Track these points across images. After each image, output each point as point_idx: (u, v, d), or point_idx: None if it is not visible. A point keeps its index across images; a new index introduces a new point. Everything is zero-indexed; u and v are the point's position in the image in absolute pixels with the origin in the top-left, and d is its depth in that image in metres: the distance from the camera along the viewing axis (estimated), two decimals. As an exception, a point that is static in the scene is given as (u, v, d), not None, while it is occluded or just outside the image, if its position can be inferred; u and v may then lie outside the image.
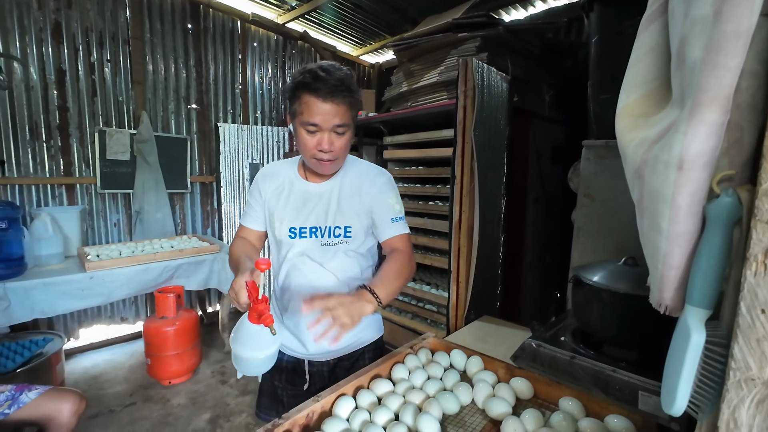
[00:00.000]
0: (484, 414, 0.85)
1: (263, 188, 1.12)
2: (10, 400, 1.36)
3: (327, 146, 0.95)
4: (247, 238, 1.14)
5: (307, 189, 1.09)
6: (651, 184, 0.41)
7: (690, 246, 0.40)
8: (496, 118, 1.55)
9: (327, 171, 1.04)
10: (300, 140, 0.98)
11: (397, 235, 1.09)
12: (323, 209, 1.08)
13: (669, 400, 0.41)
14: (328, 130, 0.95)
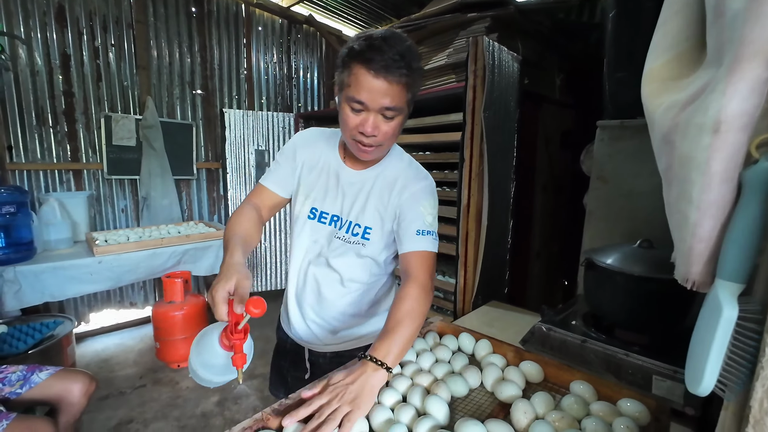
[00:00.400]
0: (493, 397, 0.84)
1: (301, 153, 1.00)
2: (22, 380, 1.38)
3: (370, 129, 0.82)
4: (261, 203, 1.00)
5: (341, 173, 0.98)
6: (682, 150, 0.38)
7: (723, 216, 0.37)
8: (507, 100, 1.51)
9: (366, 157, 0.89)
10: (342, 116, 0.85)
11: (418, 252, 0.90)
12: (350, 200, 0.97)
13: (695, 380, 0.39)
14: (374, 111, 0.81)
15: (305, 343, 1.08)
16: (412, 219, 0.92)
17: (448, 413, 0.74)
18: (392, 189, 0.96)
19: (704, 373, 0.37)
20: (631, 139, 1.15)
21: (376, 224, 0.96)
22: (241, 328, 0.66)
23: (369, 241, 0.97)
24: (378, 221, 0.96)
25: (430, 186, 0.98)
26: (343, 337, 1.05)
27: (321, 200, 0.99)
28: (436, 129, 2.37)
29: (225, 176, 3.59)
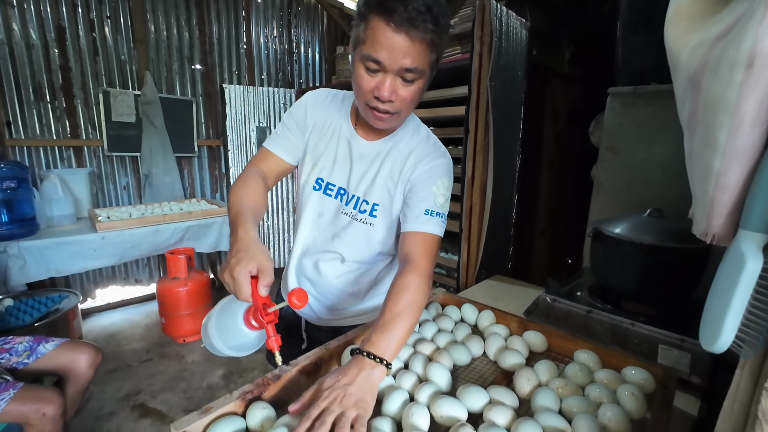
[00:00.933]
0: (496, 366, 0.83)
1: (311, 115, 0.91)
2: (29, 351, 1.40)
3: (387, 93, 0.72)
4: (267, 170, 0.91)
5: (352, 142, 0.89)
6: (710, 91, 0.35)
7: (751, 162, 0.34)
8: (514, 69, 1.46)
9: (380, 125, 0.80)
10: (355, 78, 0.75)
11: (423, 234, 0.82)
12: (360, 173, 0.89)
13: (711, 336, 0.37)
14: (393, 73, 0.71)
15: (303, 315, 1.05)
16: (423, 197, 0.84)
17: (450, 380, 0.74)
18: (404, 163, 0.87)
19: (722, 329, 0.35)
20: (644, 106, 1.11)
21: (385, 202, 0.89)
22: (272, 311, 0.64)
23: (376, 219, 0.90)
24: (387, 198, 0.89)
25: (447, 164, 0.89)
26: (341, 314, 1.02)
27: (328, 171, 0.91)
28: (440, 103, 2.31)
29: (226, 154, 3.55)
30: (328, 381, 0.63)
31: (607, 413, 0.61)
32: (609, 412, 0.61)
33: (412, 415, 0.61)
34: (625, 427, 0.60)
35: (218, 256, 3.70)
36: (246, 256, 0.64)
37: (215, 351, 0.70)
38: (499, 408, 0.64)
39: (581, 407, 0.65)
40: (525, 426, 0.59)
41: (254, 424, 0.61)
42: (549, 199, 2.53)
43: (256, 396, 0.67)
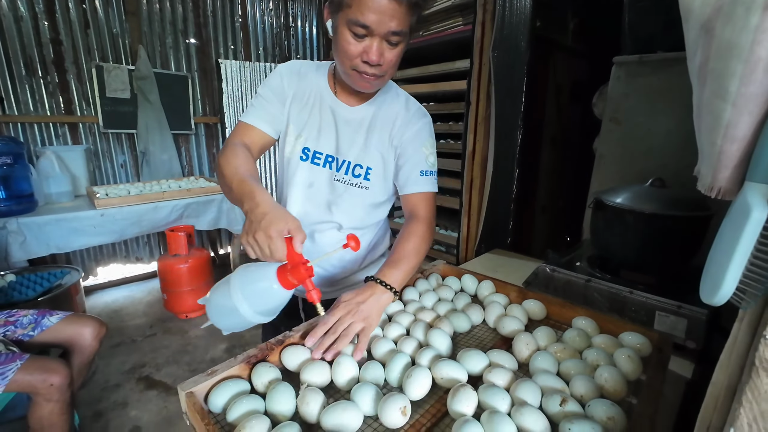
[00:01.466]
0: (495, 332, 0.85)
1: (289, 85, 0.89)
2: (33, 324, 1.42)
3: (376, 57, 0.74)
4: (251, 144, 0.87)
5: (335, 109, 0.90)
6: (723, 37, 0.34)
7: (761, 113, 0.34)
8: (517, 39, 1.42)
9: (367, 88, 0.83)
10: (340, 44, 0.76)
11: (423, 193, 0.91)
12: (348, 139, 0.90)
13: (712, 288, 0.37)
14: (380, 36, 0.73)
15: (300, 292, 1.04)
16: (417, 161, 0.91)
17: (450, 345, 0.75)
18: (393, 127, 0.91)
19: (724, 280, 0.35)
20: (650, 75, 1.09)
21: (378, 164, 0.91)
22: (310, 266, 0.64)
23: (370, 182, 0.92)
24: (380, 161, 0.92)
25: (429, 124, 0.95)
26: (340, 285, 1.03)
27: (315, 139, 0.90)
28: (441, 78, 2.27)
29: (224, 131, 3.51)
30: (345, 297, 0.73)
31: (603, 374, 0.62)
32: (605, 373, 0.63)
33: (413, 376, 0.62)
34: (621, 387, 0.61)
35: (218, 234, 3.71)
36: (276, 216, 0.63)
37: (232, 324, 0.67)
38: (499, 370, 0.65)
39: (578, 369, 0.66)
40: (524, 386, 0.60)
41: (259, 383, 0.63)
42: (550, 174, 2.51)
43: (260, 359, 0.68)
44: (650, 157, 1.11)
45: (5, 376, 1.17)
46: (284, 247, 0.62)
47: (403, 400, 0.56)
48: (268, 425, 0.54)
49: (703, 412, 0.41)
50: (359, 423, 0.56)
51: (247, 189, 0.71)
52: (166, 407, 1.85)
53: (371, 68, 0.76)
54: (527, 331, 0.79)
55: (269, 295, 0.64)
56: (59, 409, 1.32)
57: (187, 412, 0.59)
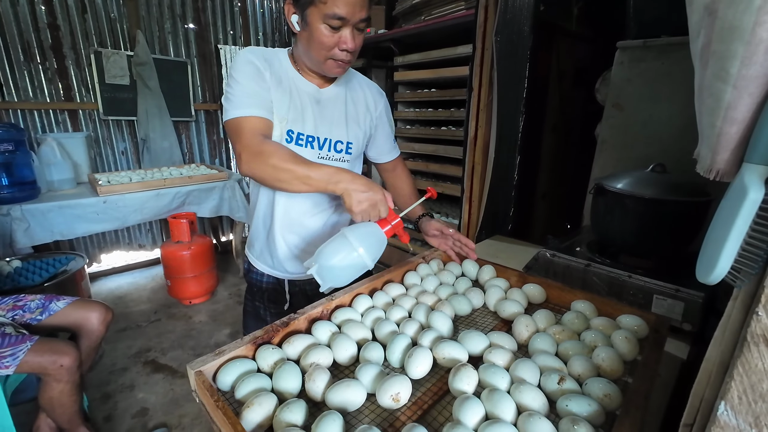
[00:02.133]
0: (495, 315, 0.86)
1: (265, 69, 0.88)
2: (41, 308, 1.44)
3: (352, 45, 0.82)
4: (268, 136, 0.87)
5: (309, 91, 0.94)
6: (726, 19, 0.34)
7: (761, 93, 0.34)
8: (520, 23, 1.40)
9: (340, 73, 0.91)
10: (316, 37, 0.81)
11: (399, 156, 1.15)
12: (327, 118, 0.96)
13: (708, 267, 0.38)
14: (351, 25, 0.80)
15: (288, 274, 1.08)
16: (388, 133, 1.10)
17: (451, 327, 0.77)
18: (366, 103, 1.03)
19: (720, 259, 0.36)
20: (653, 60, 1.08)
21: (358, 138, 1.01)
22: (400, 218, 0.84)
23: (351, 155, 1.01)
24: (359, 134, 1.01)
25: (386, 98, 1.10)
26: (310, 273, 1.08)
27: (299, 122, 0.93)
28: (443, 63, 2.24)
29: (224, 118, 3.48)
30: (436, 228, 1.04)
31: (601, 354, 0.64)
32: (603, 353, 0.64)
33: (414, 355, 0.64)
34: (618, 366, 0.63)
35: (219, 221, 3.73)
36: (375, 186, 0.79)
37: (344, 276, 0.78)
38: (499, 350, 0.67)
39: (576, 350, 0.68)
40: (523, 366, 0.62)
41: (264, 364, 0.64)
42: (551, 161, 2.51)
43: (265, 341, 0.70)
44: (652, 143, 1.11)
45: (16, 357, 1.20)
46: (386, 208, 0.79)
47: (397, 387, 0.57)
48: (276, 402, 0.56)
49: (696, 386, 0.43)
50: (362, 400, 0.58)
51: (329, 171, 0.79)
52: (172, 389, 1.89)
53: (347, 55, 0.84)
54: (527, 314, 0.81)
55: (380, 243, 0.80)
56: (69, 390, 1.35)
57: (196, 390, 0.61)
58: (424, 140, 2.44)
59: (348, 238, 0.75)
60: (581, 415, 0.52)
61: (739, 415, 0.36)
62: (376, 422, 0.56)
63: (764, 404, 0.35)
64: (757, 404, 0.35)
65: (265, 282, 1.11)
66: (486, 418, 0.53)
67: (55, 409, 1.37)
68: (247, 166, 0.81)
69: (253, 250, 1.12)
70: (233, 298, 2.84)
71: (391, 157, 1.13)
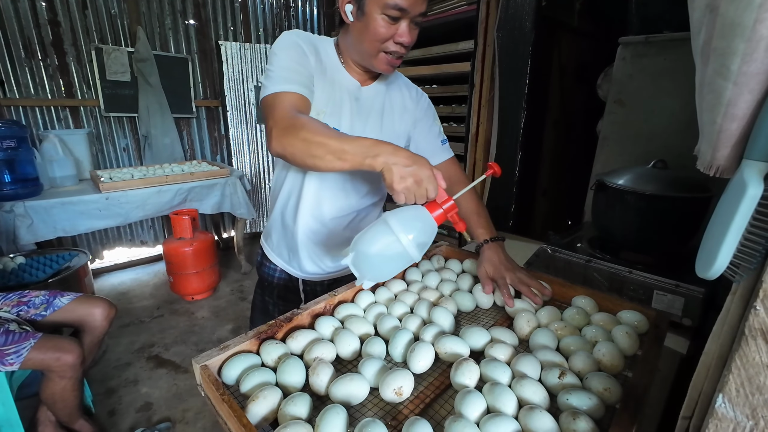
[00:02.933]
0: (496, 312, 0.87)
1: (310, 53, 0.85)
2: (45, 304, 1.46)
3: (408, 39, 0.77)
4: (303, 113, 0.78)
5: (350, 87, 0.90)
6: (727, 16, 0.34)
7: (761, 90, 0.35)
8: (522, 20, 1.40)
9: (390, 71, 0.85)
10: (372, 28, 0.76)
11: (451, 159, 1.01)
12: (364, 117, 0.91)
13: (707, 262, 0.38)
14: (409, 18, 0.76)
15: (305, 274, 1.05)
16: (433, 132, 1.00)
17: (453, 323, 0.77)
18: (404, 104, 0.96)
19: (719, 253, 0.37)
20: (656, 56, 1.08)
21: (392, 141, 0.91)
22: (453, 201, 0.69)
23: None
24: (393, 138, 0.95)
25: (429, 99, 1.03)
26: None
27: (336, 117, 0.89)
28: (444, 59, 2.24)
29: (225, 115, 3.49)
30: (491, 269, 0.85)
31: (602, 350, 0.65)
32: (603, 348, 0.65)
33: (416, 350, 0.64)
34: (618, 361, 0.64)
35: (221, 218, 3.74)
36: (421, 161, 0.64)
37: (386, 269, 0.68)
38: (500, 345, 0.67)
39: (577, 345, 0.68)
40: (524, 360, 0.62)
41: (268, 359, 0.65)
42: (552, 157, 2.51)
43: (269, 335, 0.71)
44: (653, 139, 1.11)
45: (20, 354, 1.21)
46: (434, 187, 0.65)
47: (400, 381, 0.57)
48: (280, 395, 0.57)
49: (695, 380, 0.44)
50: (365, 393, 0.59)
51: (367, 143, 0.66)
52: (176, 384, 1.91)
53: (401, 49, 0.79)
54: (528, 310, 0.82)
55: (429, 231, 0.67)
56: (71, 386, 1.37)
57: (201, 384, 0.62)
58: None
59: (389, 223, 0.64)
60: (581, 408, 0.53)
61: (737, 407, 0.37)
62: (379, 415, 0.57)
63: (761, 396, 0.35)
64: (754, 396, 0.36)
65: (277, 278, 1.08)
66: (487, 411, 0.54)
67: (56, 403, 1.39)
68: (278, 141, 0.72)
69: (269, 241, 1.08)
70: (235, 294, 2.85)
71: (439, 159, 1.01)
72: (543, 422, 0.50)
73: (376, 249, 0.64)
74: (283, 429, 0.49)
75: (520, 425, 0.51)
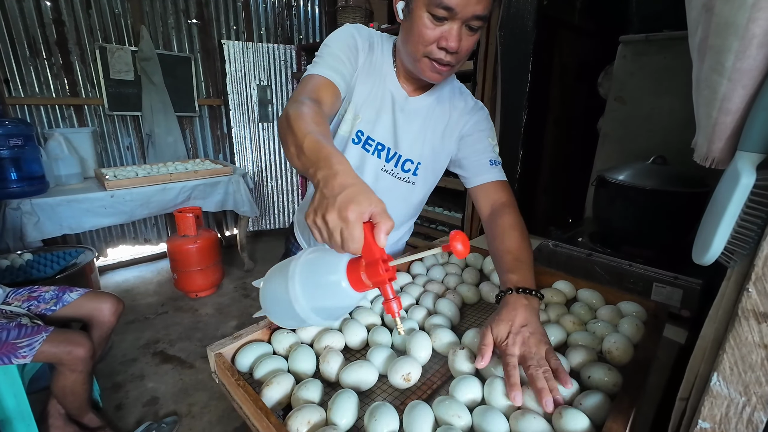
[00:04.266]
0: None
1: (362, 51, 0.79)
2: (55, 299, 1.48)
3: (455, 43, 0.66)
4: (325, 101, 0.71)
5: (395, 95, 0.82)
6: (722, 15, 0.37)
7: (754, 85, 0.37)
8: (524, 18, 1.42)
9: (437, 80, 0.75)
10: (416, 27, 0.68)
11: (500, 181, 0.84)
12: (403, 130, 0.84)
13: (703, 249, 0.41)
14: (461, 21, 0.65)
15: None
16: (484, 149, 0.86)
17: (458, 314, 0.79)
18: (449, 119, 0.86)
19: (714, 240, 0.39)
20: (656, 54, 1.10)
21: (428, 161, 0.87)
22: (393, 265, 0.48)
23: (418, 177, 0.87)
24: (431, 157, 0.87)
25: (487, 114, 0.90)
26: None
27: (372, 123, 0.83)
28: (447, 58, 2.25)
29: (228, 113, 3.51)
30: (502, 329, 0.59)
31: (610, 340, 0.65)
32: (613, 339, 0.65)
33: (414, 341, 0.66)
34: (626, 353, 0.65)
35: (224, 216, 3.76)
36: (357, 192, 0.46)
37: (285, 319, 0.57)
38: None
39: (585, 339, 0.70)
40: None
41: (279, 348, 0.67)
42: (553, 154, 2.53)
43: (279, 326, 0.73)
44: (653, 136, 1.13)
45: (33, 347, 1.24)
46: (362, 236, 0.45)
47: (408, 368, 0.59)
48: (293, 381, 0.59)
49: (692, 362, 0.46)
50: (375, 379, 0.61)
51: (323, 153, 0.53)
52: (181, 379, 1.93)
53: (447, 56, 0.69)
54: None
55: (333, 294, 0.49)
56: (82, 379, 1.39)
57: (216, 371, 0.64)
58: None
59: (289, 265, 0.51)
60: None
61: (731, 384, 0.39)
62: (388, 400, 0.59)
63: (753, 374, 0.37)
64: (746, 374, 0.38)
65: None
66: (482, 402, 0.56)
67: (66, 396, 1.41)
68: (282, 115, 0.64)
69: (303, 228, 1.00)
70: (238, 291, 2.88)
71: (485, 179, 0.85)
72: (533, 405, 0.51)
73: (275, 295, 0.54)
74: (298, 411, 0.52)
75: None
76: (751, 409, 0.38)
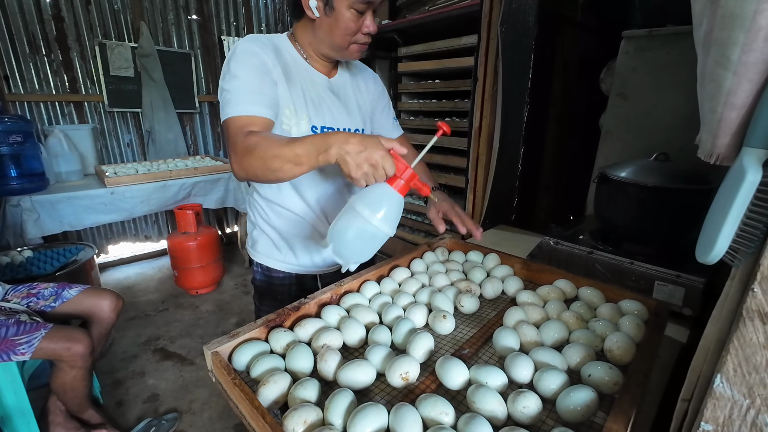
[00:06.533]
0: (503, 300, 0.88)
1: (272, 62, 0.83)
2: (54, 296, 1.48)
3: (374, 28, 0.82)
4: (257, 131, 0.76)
5: (321, 81, 0.92)
6: (727, 7, 0.35)
7: (760, 80, 0.36)
8: (525, 13, 1.40)
9: (358, 57, 0.91)
10: (342, 23, 0.80)
11: (402, 135, 1.11)
12: (340, 107, 0.94)
13: (707, 248, 0.40)
14: (373, 8, 0.81)
15: (319, 270, 1.06)
16: (387, 111, 1.09)
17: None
18: (365, 87, 1.03)
19: (718, 238, 0.38)
20: (659, 50, 1.08)
21: (366, 124, 1.02)
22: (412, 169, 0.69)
23: None
24: (367, 120, 1.02)
25: (377, 76, 1.09)
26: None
27: (320, 115, 0.90)
28: (447, 54, 2.24)
29: (228, 110, 3.49)
30: (442, 206, 0.97)
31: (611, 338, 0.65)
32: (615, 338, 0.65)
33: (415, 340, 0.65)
34: (625, 352, 0.64)
35: (224, 213, 3.76)
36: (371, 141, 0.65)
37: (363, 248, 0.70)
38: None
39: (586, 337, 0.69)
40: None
41: (277, 346, 0.67)
42: (555, 151, 2.51)
43: (277, 324, 0.72)
44: (656, 132, 1.11)
45: (32, 344, 1.24)
46: (391, 163, 0.65)
47: (406, 367, 0.59)
48: (290, 380, 0.58)
49: (694, 363, 0.45)
50: (372, 378, 0.60)
51: (311, 141, 0.67)
52: (182, 376, 1.93)
53: (367, 37, 0.85)
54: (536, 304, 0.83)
55: (396, 205, 0.68)
56: (81, 376, 1.39)
57: (213, 369, 0.64)
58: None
59: (356, 208, 0.66)
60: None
61: (734, 386, 0.38)
62: (386, 400, 0.58)
63: (757, 375, 0.37)
64: (750, 376, 0.37)
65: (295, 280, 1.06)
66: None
67: (66, 392, 1.41)
68: (239, 167, 0.73)
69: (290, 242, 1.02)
70: (239, 288, 2.88)
71: (394, 135, 1.10)
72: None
73: (351, 235, 0.67)
74: (294, 411, 0.51)
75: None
76: (755, 411, 0.37)
